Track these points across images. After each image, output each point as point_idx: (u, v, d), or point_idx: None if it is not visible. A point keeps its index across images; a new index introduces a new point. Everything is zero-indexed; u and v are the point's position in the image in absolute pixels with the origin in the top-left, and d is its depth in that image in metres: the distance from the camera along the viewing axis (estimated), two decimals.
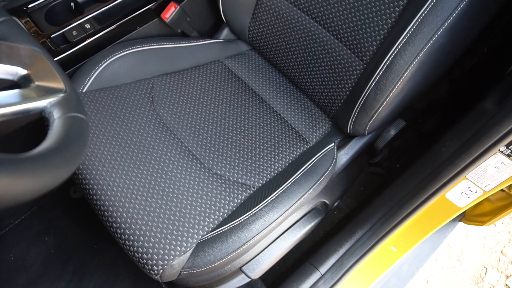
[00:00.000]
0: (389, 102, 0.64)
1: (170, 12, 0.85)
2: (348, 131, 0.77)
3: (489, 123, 0.50)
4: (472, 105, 0.59)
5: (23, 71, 0.40)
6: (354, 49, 0.71)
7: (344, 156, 0.82)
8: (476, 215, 0.91)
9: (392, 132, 0.81)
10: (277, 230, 0.77)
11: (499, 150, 0.55)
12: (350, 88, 0.74)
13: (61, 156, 0.30)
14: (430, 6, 0.55)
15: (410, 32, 0.58)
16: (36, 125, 0.37)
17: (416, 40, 0.57)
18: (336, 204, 0.92)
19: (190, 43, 0.88)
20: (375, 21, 0.66)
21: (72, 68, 0.84)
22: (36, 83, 0.39)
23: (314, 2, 0.73)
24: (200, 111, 0.80)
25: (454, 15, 0.54)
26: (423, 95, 0.72)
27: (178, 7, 0.86)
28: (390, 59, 0.60)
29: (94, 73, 0.78)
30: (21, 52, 0.41)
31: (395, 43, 0.60)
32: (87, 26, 0.82)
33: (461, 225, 1.02)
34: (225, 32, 0.95)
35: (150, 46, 0.83)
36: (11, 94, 0.35)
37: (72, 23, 0.83)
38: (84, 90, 0.77)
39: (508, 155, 0.56)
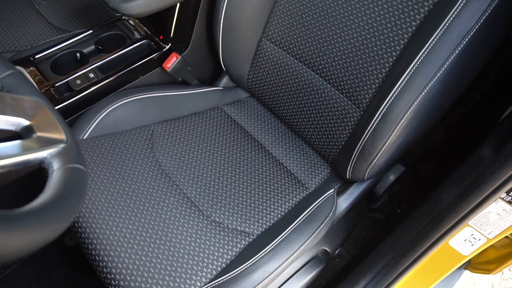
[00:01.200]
0: (387, 149, 0.65)
1: (172, 62, 0.88)
2: (348, 177, 0.77)
3: (487, 171, 0.51)
4: (469, 151, 0.60)
5: (25, 122, 0.40)
6: (350, 96, 0.73)
7: (344, 202, 0.81)
8: (481, 262, 0.89)
9: (392, 177, 0.81)
10: (277, 281, 0.74)
11: (499, 197, 0.55)
12: (348, 135, 0.75)
13: (57, 211, 0.29)
14: (422, 57, 0.57)
15: (404, 81, 0.59)
16: (35, 176, 0.37)
17: (410, 89, 0.59)
18: (337, 251, 0.90)
19: (190, 90, 0.91)
20: (370, 70, 0.68)
21: (75, 115, 0.85)
22: (38, 133, 0.39)
23: (311, 52, 0.76)
24: (199, 157, 0.81)
25: (445, 66, 0.56)
26: (421, 141, 0.73)
27: (180, 57, 0.89)
28: (386, 107, 0.62)
29: (95, 120, 0.79)
30: (25, 103, 0.42)
31: (390, 91, 0.62)
32: (91, 75, 0.85)
33: (467, 272, 0.99)
34: (225, 80, 0.98)
35: (151, 94, 0.85)
36: (12, 145, 0.36)
37: (76, 73, 0.85)
38: (85, 137, 0.77)
39: (509, 202, 0.55)
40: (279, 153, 0.85)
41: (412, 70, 0.58)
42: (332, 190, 0.80)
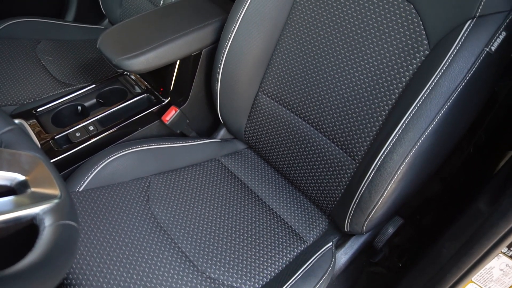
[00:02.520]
0: (384, 201, 0.65)
1: (170, 115, 0.91)
2: (346, 230, 0.75)
3: (485, 225, 0.50)
4: (467, 203, 0.60)
5: (21, 177, 0.40)
6: (346, 149, 0.74)
7: (343, 256, 0.79)
8: None
9: (390, 230, 0.80)
10: None
11: (501, 252, 0.53)
12: (345, 187, 0.75)
13: (44, 272, 0.28)
14: (413, 112, 0.59)
15: (397, 135, 0.61)
16: (25, 233, 0.36)
17: (404, 142, 0.60)
18: None
19: (188, 142, 0.92)
20: (364, 123, 0.70)
21: (73, 167, 0.86)
22: (32, 189, 0.39)
23: (306, 106, 0.78)
24: (195, 210, 0.80)
25: (436, 120, 0.57)
26: (418, 192, 0.73)
27: (179, 110, 0.92)
28: (381, 159, 0.63)
29: (92, 172, 0.79)
30: (22, 158, 0.42)
31: (384, 144, 0.63)
32: (91, 127, 0.87)
33: None
34: (222, 132, 0.99)
35: (149, 146, 0.86)
36: (4, 201, 0.36)
37: (76, 125, 0.87)
38: (80, 189, 0.77)
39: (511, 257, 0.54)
40: (276, 205, 0.84)
41: (405, 124, 0.60)
42: (331, 243, 0.78)
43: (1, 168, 0.40)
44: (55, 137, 0.85)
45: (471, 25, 0.57)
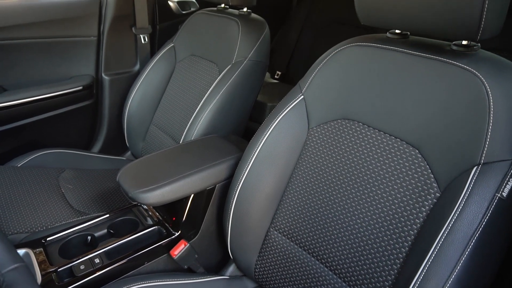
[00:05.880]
0: None
1: (179, 249, 0.88)
2: None
3: None
4: None
5: None
6: None
7: None
8: None
9: None
10: None
11: None
12: None
13: None
14: (431, 258, 0.56)
15: (418, 283, 0.56)
16: None
17: None
18: None
19: (194, 279, 0.87)
20: (380, 266, 0.66)
21: None
22: None
23: (319, 244, 0.75)
24: None
25: (458, 267, 0.54)
26: None
27: (188, 244, 0.90)
28: None
29: None
30: None
31: None
32: (97, 260, 0.84)
33: None
34: (231, 269, 0.95)
35: (153, 282, 0.82)
36: None
37: (82, 257, 0.85)
38: None
39: None
40: None
41: (425, 271, 0.56)
42: None
43: None
44: (58, 270, 0.82)
45: (478, 171, 0.58)
